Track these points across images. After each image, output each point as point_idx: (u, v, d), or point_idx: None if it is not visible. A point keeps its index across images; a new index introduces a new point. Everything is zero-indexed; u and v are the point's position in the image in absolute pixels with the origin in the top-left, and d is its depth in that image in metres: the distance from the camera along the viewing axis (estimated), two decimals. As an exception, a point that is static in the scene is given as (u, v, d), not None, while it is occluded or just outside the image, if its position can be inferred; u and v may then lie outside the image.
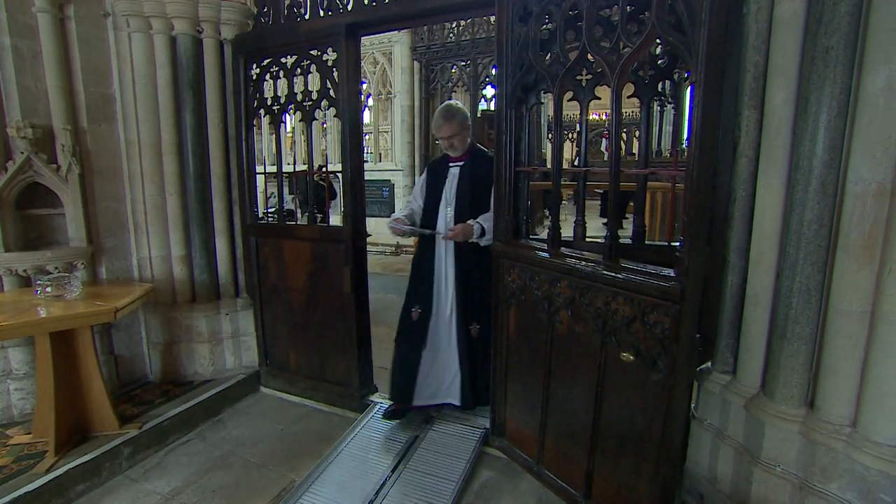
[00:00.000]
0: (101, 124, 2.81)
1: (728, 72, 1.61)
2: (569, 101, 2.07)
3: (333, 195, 7.07)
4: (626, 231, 2.28)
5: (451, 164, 2.60)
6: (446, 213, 2.55)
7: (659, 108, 9.40)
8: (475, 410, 2.70)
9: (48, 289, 2.38)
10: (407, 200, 2.62)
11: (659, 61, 2.16)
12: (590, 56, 1.86)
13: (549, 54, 2.06)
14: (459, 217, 2.49)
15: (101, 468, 2.31)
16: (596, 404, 1.90)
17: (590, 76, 2.03)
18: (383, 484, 2.20)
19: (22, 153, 2.48)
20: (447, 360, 2.61)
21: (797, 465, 1.57)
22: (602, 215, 8.19)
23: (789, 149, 1.52)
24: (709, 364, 1.89)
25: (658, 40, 1.67)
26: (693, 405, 1.92)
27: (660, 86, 2.21)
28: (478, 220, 2.43)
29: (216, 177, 3.09)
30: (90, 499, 2.22)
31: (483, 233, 2.39)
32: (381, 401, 2.89)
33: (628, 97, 2.10)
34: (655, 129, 9.94)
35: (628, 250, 1.94)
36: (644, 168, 2.21)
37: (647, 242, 2.26)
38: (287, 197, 5.17)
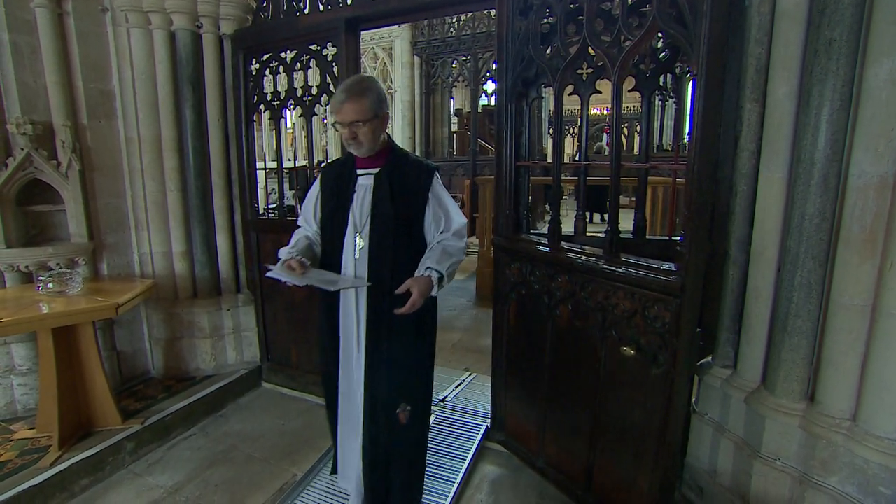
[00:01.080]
0: (101, 120, 2.80)
1: (730, 65, 1.60)
2: (569, 95, 2.06)
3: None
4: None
5: (359, 171, 1.76)
6: (355, 244, 1.72)
7: (660, 102, 9.35)
8: (476, 405, 2.71)
9: (50, 285, 2.39)
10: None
11: (660, 55, 2.14)
12: (591, 50, 1.85)
13: (549, 48, 2.05)
14: (378, 253, 1.69)
15: (104, 463, 2.33)
16: (596, 398, 1.91)
17: (591, 70, 2.02)
18: (385, 478, 2.21)
19: (22, 149, 2.48)
20: (352, 458, 1.88)
21: (797, 458, 1.58)
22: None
23: (791, 142, 1.52)
24: (709, 358, 1.89)
25: (659, 33, 1.65)
26: (693, 399, 1.92)
27: (661, 79, 2.19)
28: (428, 264, 1.64)
29: (216, 173, 3.08)
30: (94, 493, 2.24)
31: (442, 280, 1.65)
32: (382, 396, 2.90)
33: (629, 91, 2.09)
34: (657, 124, 9.89)
35: (629, 245, 1.94)
36: (645, 162, 2.20)
37: (647, 237, 2.26)
38: (288, 193, 5.17)
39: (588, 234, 2.30)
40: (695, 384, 1.89)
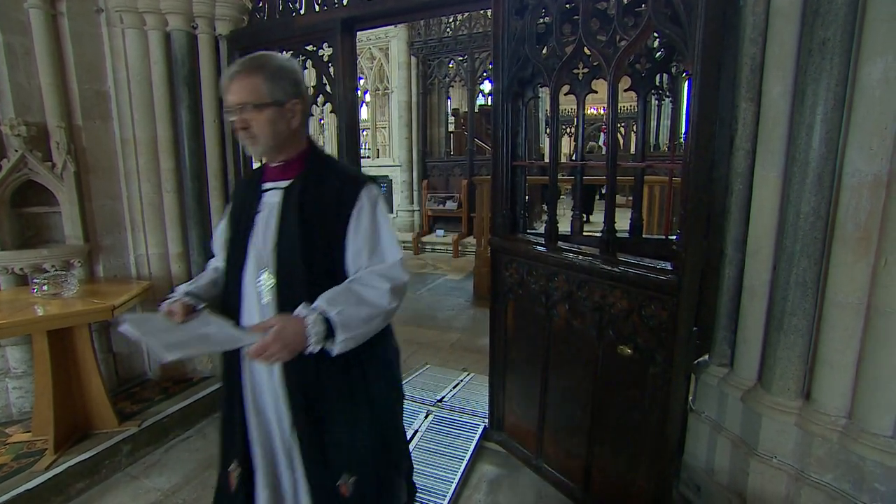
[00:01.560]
0: (96, 121, 2.79)
1: (725, 64, 1.60)
2: (566, 94, 2.06)
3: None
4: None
5: (265, 186, 1.34)
6: (259, 285, 1.29)
7: (657, 101, 9.38)
8: (474, 405, 2.71)
9: (45, 287, 2.37)
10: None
11: (656, 54, 2.15)
12: (586, 49, 1.85)
13: (545, 48, 2.05)
14: (287, 296, 1.24)
15: (100, 466, 2.32)
16: (594, 398, 1.91)
17: (586, 70, 2.03)
18: (383, 479, 2.20)
19: (16, 151, 2.47)
20: None
21: (794, 456, 1.58)
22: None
23: (786, 141, 1.52)
24: (706, 357, 1.89)
25: (655, 33, 1.66)
26: (690, 398, 1.93)
27: (657, 79, 2.20)
28: (321, 301, 1.16)
29: (213, 174, 3.07)
30: (90, 496, 2.22)
31: (331, 330, 1.12)
32: (380, 396, 2.89)
33: (625, 91, 2.10)
34: (653, 123, 9.93)
35: (625, 244, 1.95)
36: (641, 161, 2.21)
37: (644, 236, 2.27)
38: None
39: (585, 233, 2.31)
40: (692, 383, 1.90)
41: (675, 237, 1.69)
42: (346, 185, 1.28)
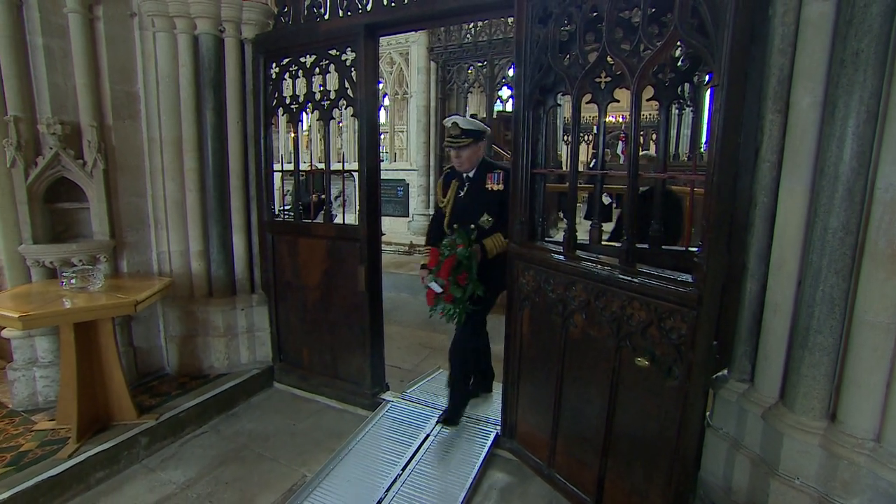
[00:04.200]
0: (126, 121, 2.87)
1: (751, 75, 1.58)
2: (587, 103, 2.05)
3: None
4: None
5: None
6: None
7: (677, 111, 9.26)
8: (487, 412, 2.70)
9: (73, 280, 2.44)
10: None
11: (679, 64, 2.12)
12: (610, 58, 1.84)
13: (567, 56, 2.05)
14: None
15: (119, 456, 2.37)
16: (609, 409, 1.89)
17: (609, 79, 2.01)
18: (394, 482, 2.21)
19: (51, 149, 2.56)
20: None
21: (817, 478, 1.53)
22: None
23: (814, 154, 1.49)
24: (725, 372, 1.85)
25: (679, 43, 1.64)
26: (708, 413, 1.89)
27: (679, 89, 2.17)
28: None
29: (234, 174, 3.13)
30: (109, 486, 2.28)
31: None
32: (392, 399, 2.90)
33: (647, 100, 2.07)
34: (673, 133, 9.80)
35: (645, 254, 1.92)
36: (662, 172, 2.18)
37: (663, 247, 2.23)
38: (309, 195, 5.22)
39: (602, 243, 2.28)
40: (709, 397, 1.86)
41: (695, 249, 1.66)
42: None
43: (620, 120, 14.52)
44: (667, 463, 1.71)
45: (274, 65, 3.01)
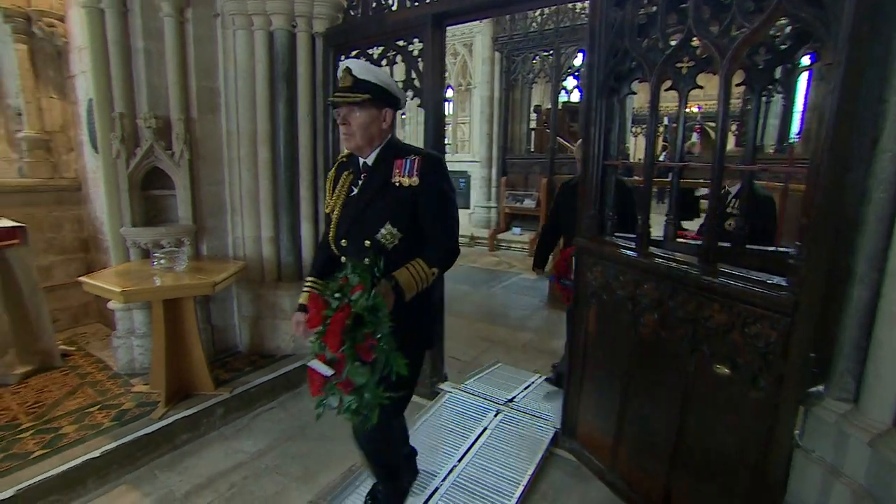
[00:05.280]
0: (208, 115, 3.08)
1: (873, 53, 1.38)
2: (666, 90, 1.91)
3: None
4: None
5: None
6: None
7: (766, 98, 8.45)
8: (545, 408, 2.63)
9: (162, 261, 2.68)
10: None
11: (777, 43, 1.91)
12: (694, 41, 1.69)
13: (646, 40, 1.91)
14: None
15: (200, 423, 2.59)
16: (681, 417, 1.77)
17: (692, 63, 1.85)
18: (449, 473, 2.22)
19: (147, 141, 2.82)
20: None
21: (934, 516, 1.34)
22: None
23: (947, 144, 1.28)
24: (821, 387, 1.66)
25: (784, 18, 1.47)
26: (797, 431, 1.71)
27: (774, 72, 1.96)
28: None
29: (304, 165, 3.27)
30: (192, 448, 2.49)
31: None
32: (450, 390, 2.91)
33: (737, 85, 1.89)
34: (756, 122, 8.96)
35: (724, 253, 1.76)
36: (751, 164, 1.99)
37: (748, 246, 2.04)
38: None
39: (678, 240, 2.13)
40: (799, 415, 1.68)
41: (788, 249, 1.50)
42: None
43: (696, 110, 13.56)
44: (746, 482, 1.57)
45: (343, 57, 3.09)
